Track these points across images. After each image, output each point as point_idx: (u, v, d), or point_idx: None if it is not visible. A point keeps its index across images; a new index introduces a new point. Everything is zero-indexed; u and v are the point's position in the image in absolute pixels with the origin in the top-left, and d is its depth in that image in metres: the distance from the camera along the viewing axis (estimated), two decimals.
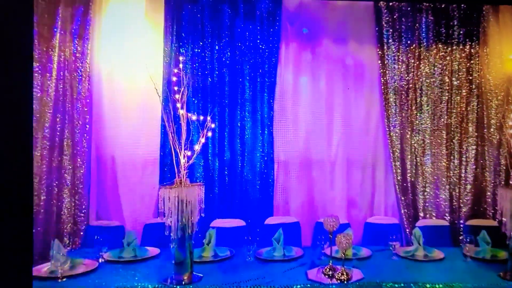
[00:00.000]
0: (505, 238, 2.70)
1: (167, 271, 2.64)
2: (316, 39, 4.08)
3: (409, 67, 4.02)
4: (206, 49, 3.94)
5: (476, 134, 4.00)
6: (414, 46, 4.02)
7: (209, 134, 2.77)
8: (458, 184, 4.01)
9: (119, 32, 3.87)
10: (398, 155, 4.00)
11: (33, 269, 2.35)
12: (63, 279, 2.54)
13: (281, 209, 4.04)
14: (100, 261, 2.88)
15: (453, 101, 4.02)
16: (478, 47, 4.02)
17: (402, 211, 3.98)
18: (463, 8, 4.01)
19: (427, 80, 4.01)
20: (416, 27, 4.02)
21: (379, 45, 4.02)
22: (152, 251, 3.12)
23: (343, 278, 2.53)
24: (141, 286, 2.49)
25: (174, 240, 2.52)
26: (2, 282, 1.36)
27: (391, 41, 4.01)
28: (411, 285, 2.51)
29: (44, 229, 3.59)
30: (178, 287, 2.48)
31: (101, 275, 2.65)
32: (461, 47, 4.02)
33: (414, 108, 4.02)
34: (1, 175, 1.36)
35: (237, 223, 3.67)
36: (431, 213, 4.00)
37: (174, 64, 3.75)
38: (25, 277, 1.47)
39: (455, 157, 4.01)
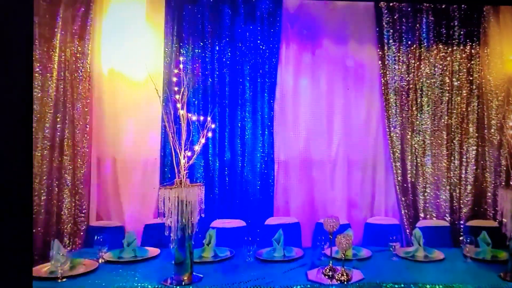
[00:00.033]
0: (505, 238, 2.70)
1: (167, 271, 2.63)
2: (316, 39, 4.08)
3: (410, 67, 4.02)
4: (206, 49, 3.95)
5: (476, 134, 4.00)
6: (415, 46, 4.02)
7: (210, 135, 2.78)
8: (458, 185, 4.00)
9: (119, 32, 3.87)
10: (399, 155, 4.00)
11: (33, 269, 2.36)
12: (63, 280, 2.54)
13: (281, 209, 4.04)
14: (100, 261, 2.88)
15: (453, 102, 4.01)
16: (478, 47, 4.01)
17: (403, 211, 3.98)
18: (463, 9, 4.00)
19: (427, 81, 4.01)
20: (417, 27, 4.02)
21: (379, 45, 4.02)
22: (152, 251, 3.12)
23: (343, 278, 2.53)
24: (141, 286, 2.48)
25: (174, 241, 2.52)
26: (2, 282, 1.36)
27: (391, 41, 4.01)
28: (411, 285, 2.50)
29: (44, 229, 3.60)
30: (178, 287, 2.48)
31: (101, 276, 2.65)
32: (461, 48, 4.02)
33: (414, 108, 4.01)
34: (1, 175, 1.36)
35: (237, 223, 3.67)
36: (431, 213, 3.99)
37: (175, 64, 3.75)
38: (25, 277, 1.47)
39: (456, 157, 4.01)
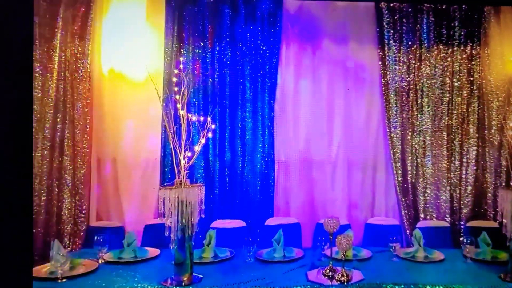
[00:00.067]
0: (505, 239, 2.69)
1: (167, 272, 2.63)
2: (317, 40, 4.08)
3: (410, 68, 4.01)
4: (206, 49, 3.95)
5: (477, 135, 3.99)
6: (415, 47, 4.01)
7: (210, 135, 2.78)
8: (458, 185, 4.00)
9: (120, 32, 3.87)
10: (399, 156, 3.99)
11: (33, 270, 2.35)
12: (63, 280, 2.54)
13: (281, 210, 4.04)
14: (100, 262, 2.88)
15: (454, 102, 4.01)
16: (479, 48, 4.01)
17: (403, 212, 3.98)
18: (464, 9, 4.00)
19: (428, 81, 4.01)
20: (417, 28, 4.02)
21: (380, 46, 4.02)
22: (152, 252, 3.12)
23: (343, 279, 2.53)
24: (141, 287, 2.48)
25: (174, 241, 2.52)
26: (2, 282, 1.36)
27: (392, 42, 4.01)
28: (411, 286, 2.50)
29: (44, 229, 3.59)
30: None
31: (101, 276, 2.64)
32: (462, 48, 4.02)
33: (415, 109, 4.01)
34: (1, 175, 1.36)
35: (238, 224, 3.67)
36: (431, 214, 3.99)
37: (175, 64, 3.75)
38: (25, 277, 1.47)
39: (456, 158, 4.00)
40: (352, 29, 4.07)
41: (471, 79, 4.01)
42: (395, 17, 4.01)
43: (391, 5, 4.01)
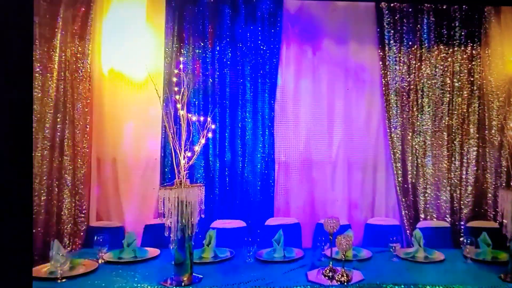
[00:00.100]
0: (505, 239, 2.69)
1: (167, 272, 2.63)
2: (317, 40, 4.08)
3: (410, 68, 4.01)
4: (207, 49, 3.94)
5: (477, 135, 3.99)
6: (416, 47, 4.01)
7: (210, 135, 2.77)
8: (459, 186, 4.00)
9: (120, 32, 3.87)
10: (399, 156, 3.99)
11: (33, 270, 2.35)
12: (63, 280, 2.54)
13: (281, 210, 4.04)
14: (100, 262, 2.88)
15: (454, 103, 4.01)
16: (479, 48, 4.01)
17: (403, 212, 3.97)
18: (464, 9, 4.00)
19: (428, 82, 4.00)
20: (418, 28, 4.02)
21: (380, 46, 4.02)
22: (152, 252, 3.12)
23: (343, 279, 2.53)
24: (140, 287, 2.48)
25: (174, 241, 2.52)
26: (2, 282, 1.36)
27: (392, 42, 4.01)
28: (411, 286, 2.50)
29: (44, 229, 3.59)
30: None
31: (100, 276, 2.64)
32: (462, 48, 4.01)
33: (415, 109, 4.01)
34: (1, 175, 1.36)
35: (238, 224, 3.66)
36: (431, 214, 3.99)
37: (175, 64, 3.75)
38: (25, 277, 1.47)
39: (456, 158, 4.00)
40: (352, 29, 4.07)
41: (472, 79, 4.01)
42: (396, 17, 4.01)
43: (392, 5, 4.00)
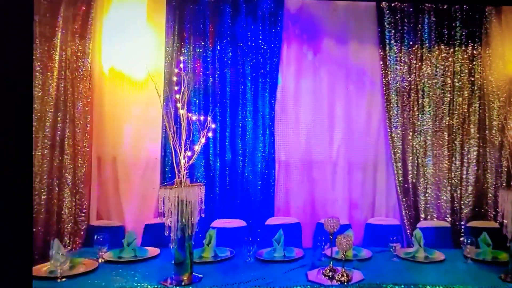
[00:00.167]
0: (506, 240, 2.69)
1: (167, 271, 2.63)
2: (318, 39, 4.08)
3: (411, 68, 4.01)
4: (207, 49, 3.94)
5: (477, 135, 3.99)
6: (416, 47, 4.01)
7: (210, 135, 2.77)
8: (459, 186, 3.99)
9: (120, 31, 3.87)
10: (400, 156, 3.99)
11: (33, 269, 2.35)
12: (63, 279, 2.54)
13: (281, 209, 4.04)
14: (100, 261, 2.88)
15: (455, 103, 4.00)
16: (480, 48, 4.00)
17: (403, 212, 3.97)
18: (465, 9, 3.99)
19: (429, 81, 4.00)
20: (418, 28, 4.01)
21: (381, 46, 4.01)
22: (152, 251, 3.12)
23: (343, 279, 2.52)
24: (140, 286, 2.48)
25: (174, 241, 2.52)
26: (2, 282, 1.36)
27: (393, 42, 4.00)
28: (412, 286, 2.49)
29: (44, 228, 3.59)
30: (177, 287, 2.48)
31: (100, 275, 2.64)
32: (463, 48, 4.01)
33: (415, 109, 4.00)
34: (1, 174, 1.36)
35: (238, 223, 3.67)
36: (432, 214, 3.98)
37: (175, 64, 3.74)
38: (25, 276, 1.47)
39: (457, 158, 4.00)
40: (353, 29, 4.07)
41: (472, 79, 4.00)
42: (396, 17, 4.01)
43: (392, 5, 4.00)
